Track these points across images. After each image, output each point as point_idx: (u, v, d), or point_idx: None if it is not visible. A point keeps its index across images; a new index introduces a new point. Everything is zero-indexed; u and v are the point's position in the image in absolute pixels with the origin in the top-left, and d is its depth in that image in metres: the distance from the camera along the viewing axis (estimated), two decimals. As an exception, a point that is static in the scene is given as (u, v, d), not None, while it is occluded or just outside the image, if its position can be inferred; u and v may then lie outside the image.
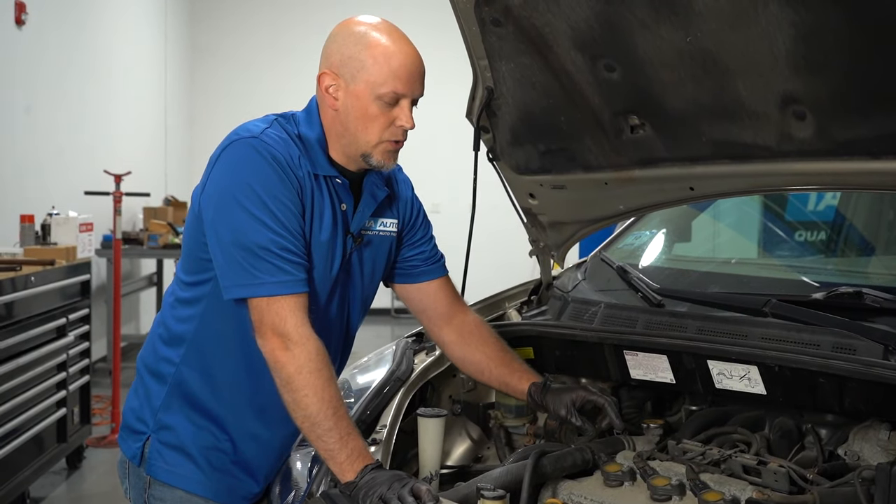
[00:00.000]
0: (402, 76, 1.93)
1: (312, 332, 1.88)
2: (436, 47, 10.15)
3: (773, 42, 1.76)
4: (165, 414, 2.08)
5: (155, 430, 2.08)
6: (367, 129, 1.96)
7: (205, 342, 2.05)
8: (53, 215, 5.48)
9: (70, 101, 7.01)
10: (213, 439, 2.08)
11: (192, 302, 2.06)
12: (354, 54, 1.94)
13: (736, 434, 2.08)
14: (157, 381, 2.10)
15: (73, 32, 7.07)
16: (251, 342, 1.93)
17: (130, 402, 2.16)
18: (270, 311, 1.87)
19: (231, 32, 10.54)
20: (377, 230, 2.14)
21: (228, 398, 2.07)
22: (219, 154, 1.96)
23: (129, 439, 2.13)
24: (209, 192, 1.95)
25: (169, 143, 9.52)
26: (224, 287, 1.93)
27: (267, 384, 1.94)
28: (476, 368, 2.25)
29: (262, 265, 1.87)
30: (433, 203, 10.24)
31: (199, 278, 2.03)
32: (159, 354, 2.11)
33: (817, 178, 2.02)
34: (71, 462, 5.17)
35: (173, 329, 2.09)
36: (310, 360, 1.84)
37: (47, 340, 4.67)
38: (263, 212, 1.88)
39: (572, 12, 1.97)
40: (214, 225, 1.92)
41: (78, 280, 5.05)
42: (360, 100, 1.95)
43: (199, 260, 2.02)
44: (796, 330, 1.98)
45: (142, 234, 7.68)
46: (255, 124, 1.99)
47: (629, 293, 2.47)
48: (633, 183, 2.31)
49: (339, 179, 2.02)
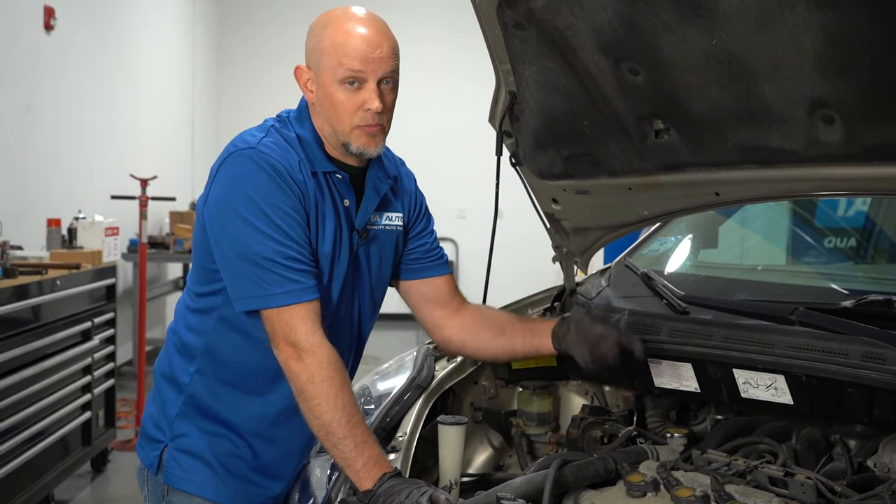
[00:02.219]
0: (356, 56, 1.90)
1: (324, 340, 1.88)
2: (463, 50, 10.18)
3: (801, 45, 1.73)
4: (181, 422, 2.07)
5: (171, 438, 2.08)
6: (338, 116, 1.95)
7: (218, 351, 2.05)
8: (80, 219, 5.51)
9: (97, 106, 7.05)
10: (230, 446, 2.07)
11: (203, 312, 2.06)
12: (317, 44, 1.94)
13: (762, 444, 2.04)
14: (173, 389, 2.10)
15: (101, 37, 7.12)
16: (264, 350, 1.94)
17: (148, 410, 2.16)
18: (281, 321, 1.87)
19: (257, 37, 10.57)
20: (383, 224, 2.12)
21: (244, 405, 2.06)
22: (218, 166, 1.96)
23: (146, 447, 2.12)
24: (211, 206, 1.95)
25: (195, 148, 9.56)
26: (234, 299, 1.93)
27: (283, 390, 1.95)
28: (492, 347, 2.20)
29: (269, 276, 1.87)
30: (459, 209, 10.22)
31: (210, 289, 2.03)
32: (174, 363, 2.11)
33: (846, 183, 1.98)
34: (95, 465, 5.19)
35: (186, 339, 2.09)
36: (321, 369, 1.84)
37: (73, 344, 4.68)
38: (265, 223, 1.88)
39: (596, 15, 1.94)
40: (218, 239, 1.93)
41: (104, 284, 5.07)
42: (326, 88, 1.94)
43: (207, 270, 2.02)
44: (824, 339, 1.93)
45: (168, 239, 7.72)
46: (251, 134, 1.99)
47: (654, 300, 2.43)
48: (658, 188, 2.27)
49: (339, 175, 2.01)
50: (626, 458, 2.05)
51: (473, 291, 2.40)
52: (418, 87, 8.98)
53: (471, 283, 10.45)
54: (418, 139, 8.56)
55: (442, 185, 9.89)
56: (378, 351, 2.21)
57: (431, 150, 9.02)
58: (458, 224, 10.22)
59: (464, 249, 10.48)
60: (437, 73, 10.08)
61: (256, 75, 10.47)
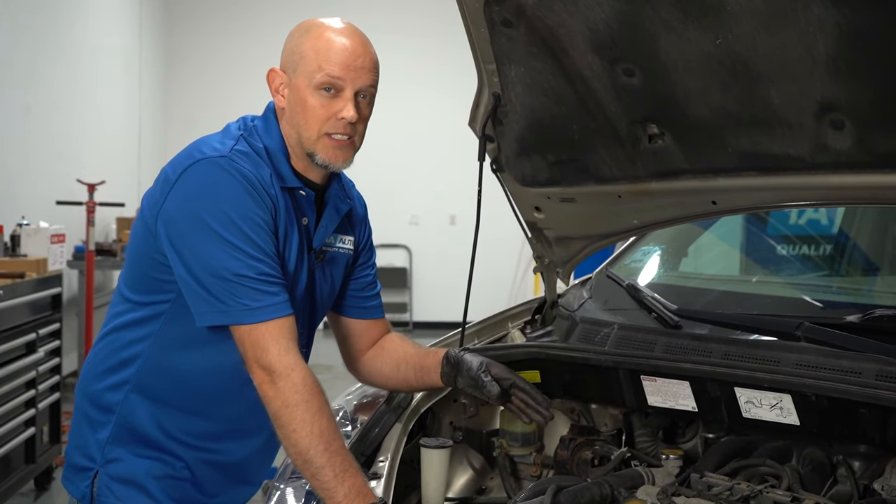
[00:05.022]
0: (337, 62, 1.82)
1: (298, 361, 1.76)
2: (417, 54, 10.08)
3: (813, 45, 1.63)
4: (113, 445, 1.92)
5: (103, 464, 1.92)
6: (307, 121, 1.85)
7: (159, 365, 1.90)
8: (23, 226, 5.29)
9: (40, 108, 6.78)
10: (167, 468, 1.92)
11: (143, 322, 1.90)
12: (296, 47, 1.86)
13: (764, 467, 1.94)
14: (102, 411, 1.93)
15: (44, 37, 6.85)
16: (213, 369, 1.86)
17: (73, 440, 2.00)
18: (251, 341, 1.76)
19: (206, 40, 10.38)
20: (337, 247, 2.03)
21: (186, 423, 1.92)
22: (180, 174, 1.81)
23: (74, 479, 1.96)
24: (171, 216, 1.80)
25: (143, 152, 9.32)
26: (197, 314, 1.79)
27: (230, 412, 1.89)
28: (392, 380, 2.14)
29: (241, 291, 1.75)
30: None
31: (154, 298, 1.89)
32: (103, 382, 1.94)
33: (853, 192, 1.88)
34: (39, 483, 4.95)
35: (120, 353, 1.93)
36: (295, 393, 1.72)
37: (16, 357, 4.47)
38: (238, 237, 1.75)
39: (591, 12, 1.83)
40: (182, 252, 1.78)
41: (49, 293, 4.87)
42: (299, 91, 1.85)
43: (152, 280, 1.87)
44: (834, 356, 1.83)
45: (115, 245, 7.48)
46: (218, 141, 1.86)
47: (641, 313, 2.32)
48: (650, 196, 2.17)
49: (304, 192, 1.91)
50: (622, 482, 1.95)
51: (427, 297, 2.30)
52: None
53: (424, 288, 10.37)
54: (371, 145, 8.45)
55: (394, 191, 9.80)
56: (329, 359, 2.10)
57: (385, 155, 8.89)
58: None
59: (417, 255, 10.38)
60: (393, 79, 9.96)
61: (204, 78, 10.30)
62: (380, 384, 2.19)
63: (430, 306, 10.28)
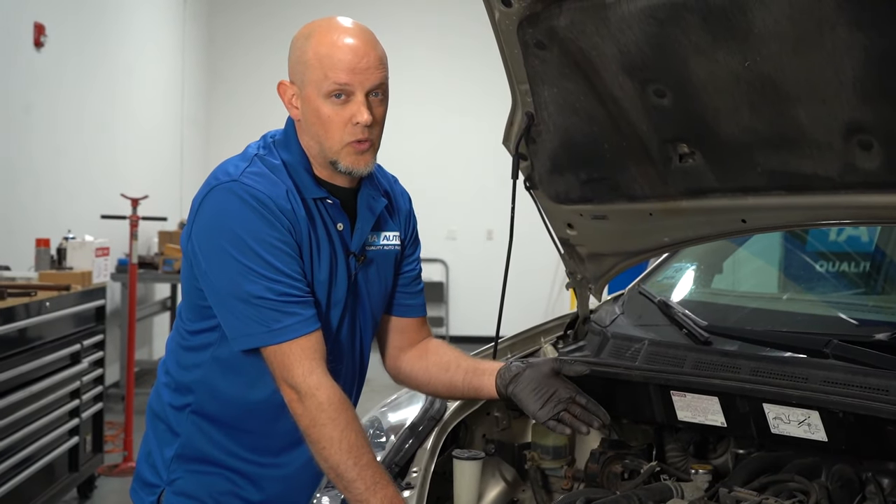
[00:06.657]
0: (342, 67, 1.80)
1: (323, 379, 1.79)
2: (452, 73, 10.15)
3: (840, 67, 1.66)
4: (178, 464, 1.98)
5: (168, 482, 1.98)
6: (327, 132, 1.84)
7: (214, 389, 1.96)
8: (69, 239, 5.40)
9: (87, 125, 6.95)
10: (230, 485, 1.98)
11: (196, 350, 1.96)
12: (300, 56, 1.85)
13: (793, 483, 1.95)
14: (167, 429, 2.00)
15: (92, 56, 7.02)
16: (262, 389, 1.88)
17: (143, 451, 2.06)
18: (277, 361, 1.80)
19: (247, 54, 10.49)
20: (381, 245, 2.03)
21: (244, 442, 1.97)
22: (200, 200, 1.86)
23: (141, 492, 2.02)
24: (198, 243, 1.86)
25: (185, 168, 9.46)
26: (231, 338, 1.85)
27: (284, 426, 1.88)
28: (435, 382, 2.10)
29: (263, 314, 1.79)
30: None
31: (201, 326, 1.94)
32: (167, 402, 2.01)
33: (883, 211, 1.90)
34: (82, 491, 5.04)
35: (179, 378, 1.99)
36: (321, 412, 1.76)
37: (61, 367, 4.56)
38: (254, 260, 1.79)
39: (622, 35, 1.87)
40: (208, 277, 1.84)
41: (93, 305, 4.97)
42: (312, 102, 1.84)
43: (198, 307, 1.93)
44: (862, 374, 1.85)
45: (157, 259, 7.61)
46: (233, 164, 1.88)
47: (672, 329, 2.35)
48: (681, 214, 2.20)
49: (330, 199, 1.91)
50: (651, 496, 1.97)
51: (463, 311, 2.33)
52: (408, 108, 8.95)
53: (460, 302, 10.39)
54: (410, 160, 8.51)
55: (432, 206, 9.85)
56: (369, 373, 2.13)
57: (423, 170, 8.96)
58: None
59: (453, 269, 10.41)
60: (426, 95, 10.04)
61: (246, 95, 10.39)
62: (419, 385, 2.16)
63: (466, 320, 10.28)
